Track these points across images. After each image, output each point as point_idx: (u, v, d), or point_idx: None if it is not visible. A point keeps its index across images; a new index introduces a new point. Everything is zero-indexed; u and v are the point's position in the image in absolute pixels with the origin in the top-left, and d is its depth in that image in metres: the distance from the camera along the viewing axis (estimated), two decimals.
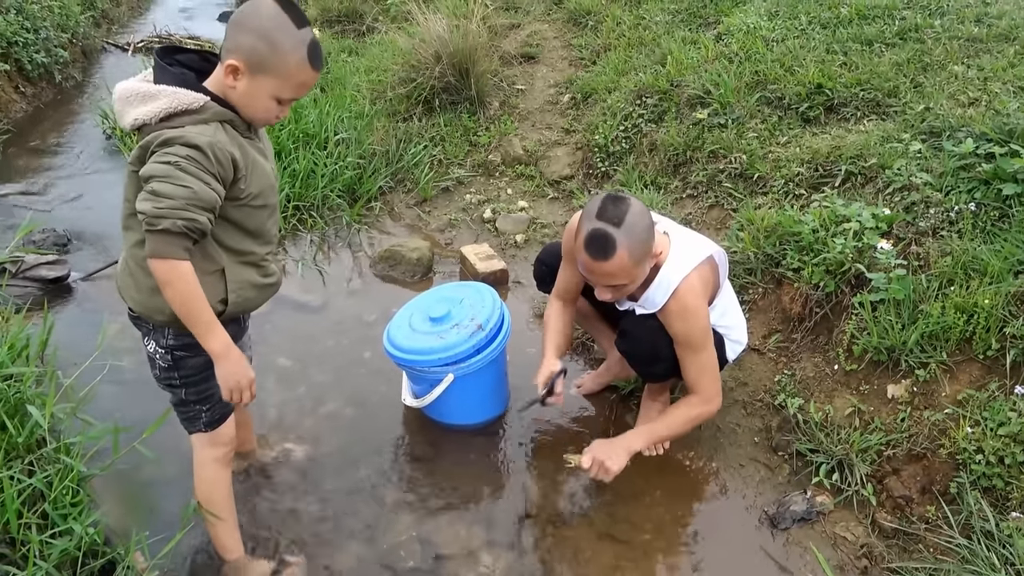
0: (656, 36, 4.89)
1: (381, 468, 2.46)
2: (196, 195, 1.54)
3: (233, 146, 1.62)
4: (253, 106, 1.64)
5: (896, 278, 2.44)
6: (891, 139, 3.13)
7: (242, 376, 1.71)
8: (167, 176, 1.53)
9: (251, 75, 1.59)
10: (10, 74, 5.70)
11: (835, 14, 4.33)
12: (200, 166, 1.55)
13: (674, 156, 3.80)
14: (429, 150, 4.47)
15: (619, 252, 1.96)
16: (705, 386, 2.21)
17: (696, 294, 2.12)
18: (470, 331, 2.41)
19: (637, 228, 1.98)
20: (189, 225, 1.55)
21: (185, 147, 1.54)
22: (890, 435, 2.25)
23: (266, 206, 1.77)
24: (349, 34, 6.63)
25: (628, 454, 2.18)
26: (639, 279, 2.09)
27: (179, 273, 1.58)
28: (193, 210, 1.54)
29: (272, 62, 1.57)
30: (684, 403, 2.28)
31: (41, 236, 3.72)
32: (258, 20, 1.56)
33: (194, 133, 1.56)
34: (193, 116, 1.58)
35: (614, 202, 1.99)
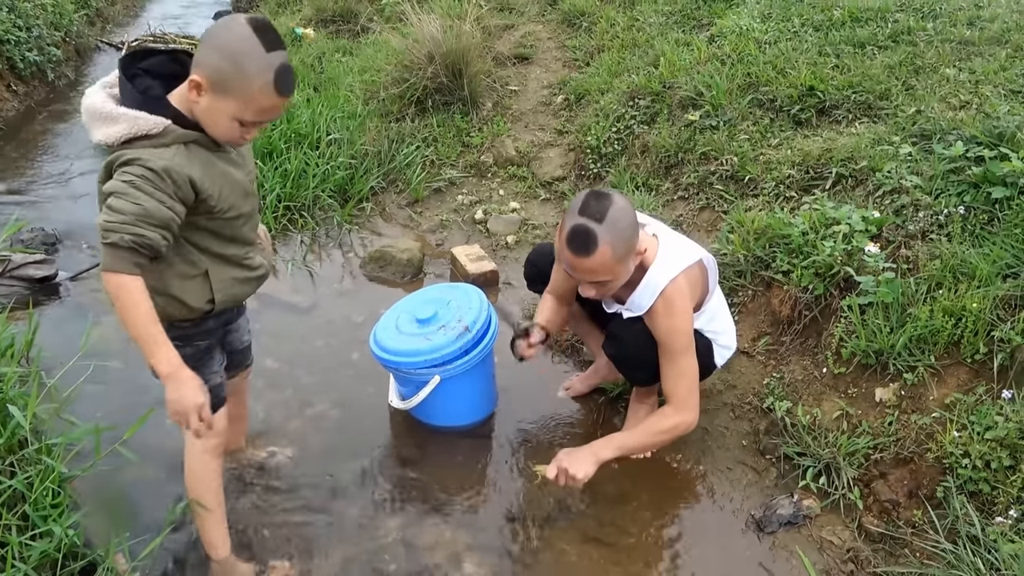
0: (649, 38, 4.89)
1: (367, 470, 2.45)
2: (147, 212, 1.54)
3: (193, 167, 1.61)
4: (215, 124, 1.62)
5: (885, 281, 2.43)
6: (882, 142, 3.13)
7: (188, 400, 1.63)
8: (123, 193, 1.54)
9: (213, 93, 1.56)
10: (2, 72, 5.68)
11: (828, 16, 4.33)
12: (154, 186, 1.56)
13: (666, 158, 3.80)
14: (421, 151, 4.46)
15: (601, 248, 1.95)
16: (681, 394, 2.16)
17: (683, 296, 2.11)
18: (456, 332, 2.40)
19: (620, 224, 1.96)
20: (138, 241, 1.54)
21: (142, 168, 1.55)
22: (877, 439, 2.24)
23: (240, 216, 1.78)
24: (343, 34, 6.61)
25: (596, 462, 2.10)
26: (622, 276, 2.07)
27: (125, 288, 1.57)
28: (143, 226, 1.54)
29: (235, 84, 1.55)
30: (658, 415, 2.23)
31: (29, 235, 3.70)
32: (227, 38, 1.54)
33: (151, 156, 1.56)
34: (153, 140, 1.58)
35: (597, 198, 1.97)
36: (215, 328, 1.93)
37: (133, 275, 1.57)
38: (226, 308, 1.89)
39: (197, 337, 1.86)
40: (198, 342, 1.86)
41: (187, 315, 1.80)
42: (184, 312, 1.78)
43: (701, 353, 2.26)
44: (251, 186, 1.82)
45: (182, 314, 1.78)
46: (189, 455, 1.98)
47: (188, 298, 1.76)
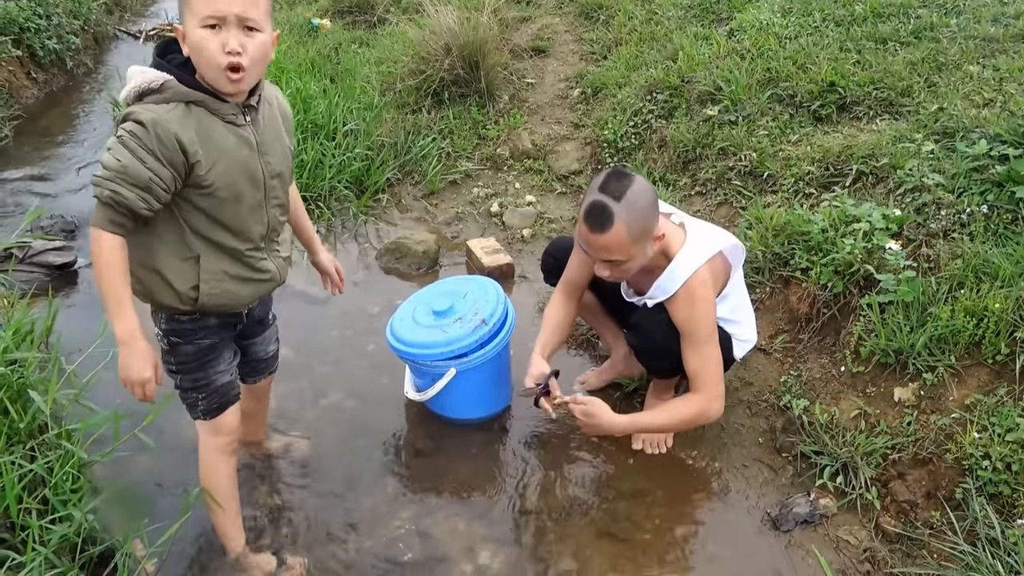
0: (668, 31, 4.85)
1: (382, 461, 2.46)
2: (124, 168, 1.52)
3: (187, 128, 1.57)
4: (198, 55, 1.55)
5: (905, 280, 2.41)
6: (903, 139, 3.10)
7: (135, 370, 1.62)
8: (111, 148, 1.55)
9: (185, 28, 1.55)
10: (22, 60, 5.70)
11: (849, 11, 4.29)
12: (139, 142, 1.53)
13: (684, 152, 3.78)
14: (437, 143, 4.45)
15: (616, 226, 1.95)
16: (707, 382, 2.17)
17: (705, 286, 2.10)
18: (473, 325, 2.40)
19: (638, 204, 1.96)
20: (114, 198, 1.53)
21: (132, 123, 1.54)
22: (896, 439, 2.22)
23: (240, 201, 1.69)
24: (360, 25, 6.60)
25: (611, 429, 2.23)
26: (637, 258, 2.06)
27: (100, 244, 1.56)
28: (119, 183, 1.52)
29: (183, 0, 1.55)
30: (684, 400, 2.25)
31: (49, 222, 3.73)
32: None
33: (143, 109, 1.55)
34: (155, 96, 1.58)
35: (618, 177, 1.98)
36: (218, 327, 1.86)
37: (112, 233, 1.56)
38: (224, 307, 1.80)
39: (197, 334, 1.81)
40: (199, 340, 1.81)
41: (173, 301, 1.72)
42: (169, 297, 1.71)
43: (721, 346, 2.25)
44: (264, 174, 1.72)
45: (168, 299, 1.71)
46: (201, 451, 1.98)
47: (172, 278, 1.70)
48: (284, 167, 1.79)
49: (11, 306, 2.79)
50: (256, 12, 1.55)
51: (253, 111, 1.69)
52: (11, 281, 3.02)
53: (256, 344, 2.11)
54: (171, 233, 1.67)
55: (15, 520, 1.84)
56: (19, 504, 1.84)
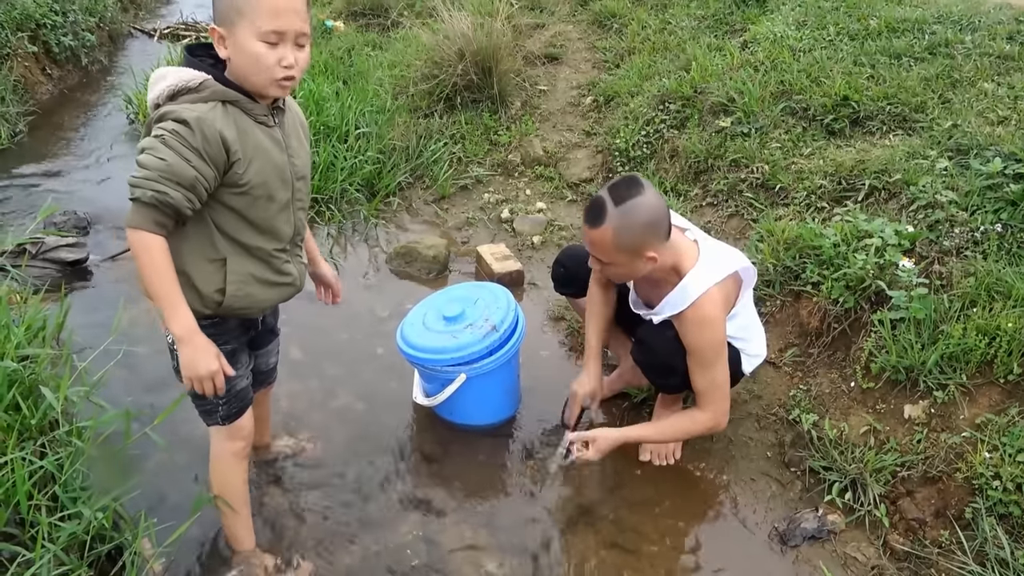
0: (681, 41, 4.86)
1: (389, 466, 2.46)
2: (170, 168, 1.51)
3: (228, 126, 1.58)
4: (250, 65, 1.56)
5: (917, 297, 2.40)
6: (917, 155, 3.10)
7: (202, 365, 1.63)
8: (151, 148, 1.53)
9: (230, 31, 1.55)
10: (38, 56, 5.75)
11: (864, 26, 4.29)
12: (183, 141, 1.53)
13: (695, 163, 3.78)
14: (449, 147, 4.46)
15: (605, 226, 1.98)
16: (715, 401, 2.18)
17: (715, 306, 2.10)
18: (484, 332, 2.40)
19: (633, 217, 1.97)
20: (159, 198, 1.51)
21: (173, 122, 1.54)
22: (905, 456, 2.22)
23: (273, 199, 1.70)
24: (374, 28, 6.63)
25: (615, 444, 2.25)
26: (621, 267, 2.08)
27: (145, 246, 1.54)
28: (165, 183, 1.51)
29: (238, 5, 1.52)
30: (689, 416, 2.26)
31: (62, 218, 3.74)
32: None
33: (184, 108, 1.55)
34: (192, 94, 1.58)
35: (628, 183, 2.01)
36: (237, 330, 1.86)
37: (155, 234, 1.54)
38: (245, 311, 1.80)
39: (219, 338, 1.77)
40: (220, 345, 1.77)
41: (195, 304, 1.68)
42: (192, 299, 1.67)
43: (730, 361, 2.24)
44: (292, 176, 1.74)
45: (192, 301, 1.67)
46: (215, 458, 1.97)
47: (198, 280, 1.68)
48: (307, 171, 1.83)
49: (24, 302, 2.81)
50: (308, 28, 1.61)
51: (280, 113, 1.73)
52: (24, 277, 3.03)
53: (260, 356, 2.11)
54: (199, 234, 1.66)
55: (25, 516, 1.85)
56: (29, 500, 1.85)
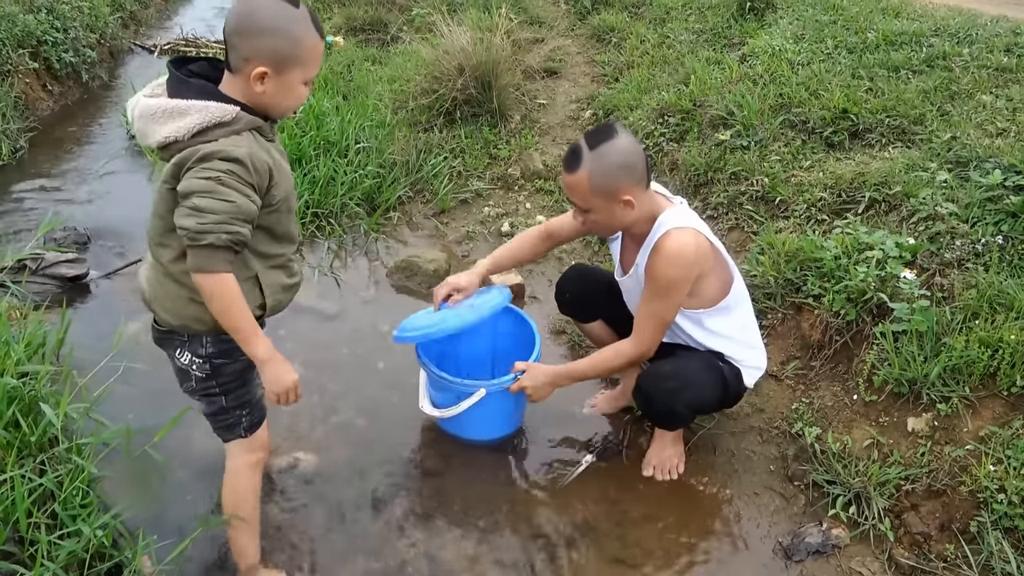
0: (680, 55, 4.89)
1: (391, 481, 2.44)
2: (239, 208, 1.55)
3: (265, 153, 1.63)
4: (286, 101, 1.65)
5: (919, 309, 2.40)
6: (916, 167, 3.11)
7: (288, 379, 1.75)
8: (209, 191, 1.53)
9: (279, 74, 1.59)
10: (38, 72, 5.76)
11: (862, 39, 4.32)
12: (240, 179, 1.56)
13: (695, 176, 3.79)
14: (449, 161, 4.47)
15: (581, 171, 2.03)
16: (647, 331, 2.19)
17: (686, 246, 2.06)
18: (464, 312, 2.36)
19: (607, 159, 2.01)
20: (233, 239, 1.56)
21: (225, 161, 1.54)
22: (909, 469, 2.21)
23: (292, 208, 1.79)
24: (373, 43, 6.65)
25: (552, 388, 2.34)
26: (600, 212, 2.10)
27: (225, 286, 1.60)
28: (236, 223, 1.56)
29: (295, 53, 1.58)
30: (616, 351, 2.26)
31: (62, 234, 3.74)
32: (266, 20, 1.55)
33: (231, 145, 1.56)
34: (226, 128, 1.57)
35: (603, 129, 2.05)
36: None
37: (228, 272, 1.60)
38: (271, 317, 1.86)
39: (240, 351, 1.80)
40: (242, 356, 1.80)
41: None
42: None
43: (730, 380, 2.25)
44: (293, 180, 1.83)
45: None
46: (234, 473, 1.97)
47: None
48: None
49: (24, 318, 2.80)
50: None
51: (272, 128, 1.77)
52: (24, 293, 3.03)
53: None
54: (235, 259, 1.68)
55: (24, 534, 1.83)
56: (28, 518, 1.84)
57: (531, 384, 2.31)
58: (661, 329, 2.21)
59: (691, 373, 2.21)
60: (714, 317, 2.23)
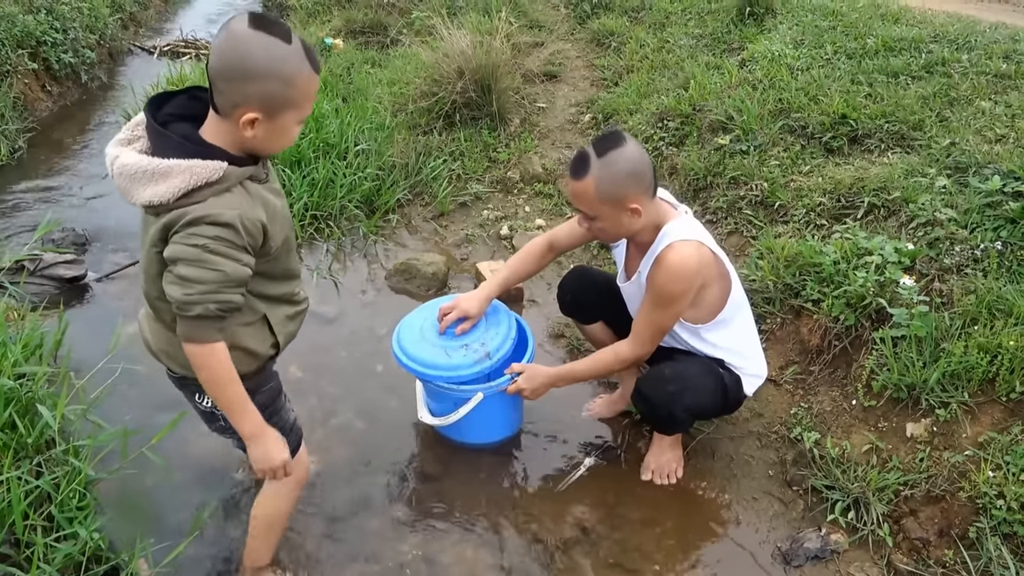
0: (679, 60, 4.90)
1: (389, 484, 2.44)
2: (228, 277, 1.47)
3: (256, 206, 1.53)
4: (278, 142, 1.54)
5: (918, 315, 2.40)
6: (915, 173, 3.11)
7: (277, 457, 1.68)
8: (197, 260, 1.44)
9: (271, 119, 1.47)
10: (38, 73, 5.77)
11: (861, 45, 4.33)
12: (231, 244, 1.47)
13: (694, 181, 3.79)
14: (448, 164, 4.47)
15: (588, 178, 2.01)
16: (644, 336, 2.19)
17: (690, 258, 2.05)
18: (477, 357, 2.31)
19: (615, 167, 2.00)
20: (223, 307, 1.49)
21: (213, 226, 1.44)
22: (908, 475, 2.20)
23: (290, 249, 1.71)
24: (373, 45, 6.66)
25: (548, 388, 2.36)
26: (607, 220, 2.09)
27: (214, 357, 1.53)
28: (226, 291, 1.48)
29: (288, 95, 1.46)
30: (614, 352, 2.26)
31: (60, 235, 3.74)
32: (257, 64, 1.40)
33: (220, 208, 1.45)
34: (214, 187, 1.45)
35: (610, 136, 2.03)
36: (273, 364, 1.84)
37: (217, 341, 1.52)
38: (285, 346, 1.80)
39: (264, 383, 1.80)
40: (267, 386, 1.79)
41: (255, 365, 1.71)
42: (251, 363, 1.70)
43: (730, 387, 2.25)
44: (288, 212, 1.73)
45: (250, 366, 1.69)
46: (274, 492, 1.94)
47: (254, 345, 1.68)
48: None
49: (21, 319, 2.79)
50: None
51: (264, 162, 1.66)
52: (22, 294, 3.02)
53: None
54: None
55: (20, 537, 1.83)
56: (25, 520, 1.83)
57: (528, 386, 2.32)
58: (660, 335, 2.22)
59: (691, 377, 2.21)
60: (712, 331, 2.23)
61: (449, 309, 2.37)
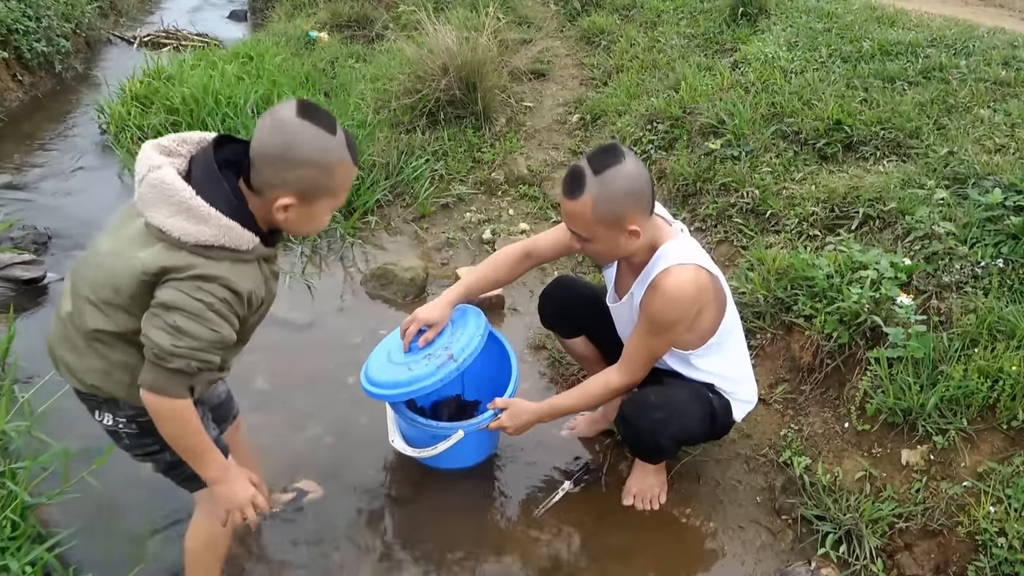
0: (671, 60, 4.77)
1: (357, 508, 2.30)
2: (222, 339, 1.46)
3: (262, 286, 1.54)
4: (307, 227, 1.55)
5: (915, 334, 2.28)
6: (912, 183, 3.00)
7: (242, 495, 1.62)
8: (198, 315, 1.41)
9: (305, 205, 1.48)
10: (8, 62, 5.57)
11: (856, 48, 4.22)
12: (232, 310, 1.46)
13: (683, 186, 3.66)
14: (431, 164, 4.33)
15: (584, 197, 1.84)
16: (636, 363, 2.07)
17: (687, 283, 1.91)
18: (439, 362, 2.12)
19: (613, 186, 1.83)
20: (204, 367, 1.46)
21: (225, 289, 1.43)
22: (903, 506, 2.09)
23: (262, 320, 1.65)
24: (358, 39, 6.50)
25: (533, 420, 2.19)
26: (602, 243, 1.93)
27: (180, 412, 1.48)
28: (212, 352, 1.46)
29: (326, 184, 1.48)
30: (603, 382, 2.12)
31: (20, 233, 3.57)
32: (302, 153, 1.41)
33: (236, 277, 1.44)
34: (237, 254, 1.45)
35: (607, 152, 1.86)
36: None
37: (185, 398, 1.48)
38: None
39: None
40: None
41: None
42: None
43: (719, 412, 2.12)
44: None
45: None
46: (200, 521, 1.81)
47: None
48: None
49: None
50: None
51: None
52: None
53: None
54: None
55: None
56: None
57: (511, 424, 2.16)
58: (653, 362, 2.09)
59: (678, 404, 2.07)
60: (702, 357, 2.10)
61: (409, 323, 2.22)
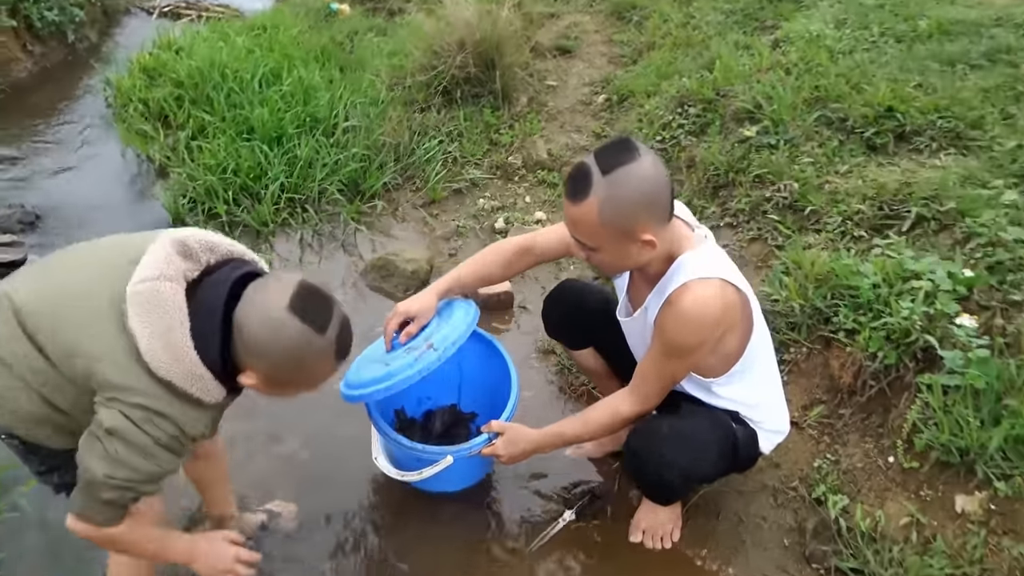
0: (706, 37, 4.45)
1: (335, 533, 2.09)
2: (162, 472, 1.39)
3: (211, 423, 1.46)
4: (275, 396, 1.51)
5: (976, 360, 1.97)
6: (974, 180, 2.66)
7: (221, 560, 1.58)
8: (141, 448, 1.33)
9: (269, 388, 1.43)
10: (17, 31, 5.40)
11: (912, 27, 3.85)
12: (181, 445, 1.39)
13: (714, 176, 3.35)
14: (444, 146, 4.06)
15: (590, 200, 1.56)
16: (651, 389, 1.80)
17: (711, 300, 1.63)
18: (417, 354, 1.88)
19: (625, 189, 1.54)
20: (137, 498, 1.40)
21: (176, 428, 1.36)
22: (957, 564, 1.79)
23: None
24: (381, 12, 6.25)
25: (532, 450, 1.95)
26: (608, 252, 1.65)
27: (115, 539, 1.44)
28: (149, 485, 1.40)
29: (297, 380, 1.43)
30: (611, 409, 1.85)
31: (7, 211, 3.39)
32: (278, 347, 1.34)
33: (189, 421, 1.38)
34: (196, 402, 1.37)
35: (619, 146, 1.57)
36: None
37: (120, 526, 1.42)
38: None
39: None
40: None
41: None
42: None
43: (742, 444, 1.84)
44: None
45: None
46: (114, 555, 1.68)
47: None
48: None
49: None
50: None
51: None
52: None
53: None
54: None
55: None
56: None
57: (506, 452, 1.91)
58: (667, 389, 1.80)
59: (694, 437, 1.78)
60: (726, 385, 1.81)
61: (391, 317, 1.98)
